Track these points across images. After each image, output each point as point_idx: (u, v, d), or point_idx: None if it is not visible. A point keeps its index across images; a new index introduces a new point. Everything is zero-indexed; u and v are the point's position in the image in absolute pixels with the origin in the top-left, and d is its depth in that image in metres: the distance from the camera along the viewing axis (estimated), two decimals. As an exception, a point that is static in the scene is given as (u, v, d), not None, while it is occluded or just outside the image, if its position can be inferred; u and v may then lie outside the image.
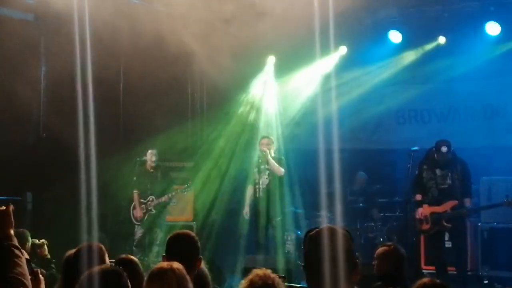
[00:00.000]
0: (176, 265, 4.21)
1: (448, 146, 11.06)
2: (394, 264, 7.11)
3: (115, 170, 13.09)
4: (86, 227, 7.77)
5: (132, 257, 5.68)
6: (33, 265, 4.08)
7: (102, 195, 13.13)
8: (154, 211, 12.92)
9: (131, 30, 11.67)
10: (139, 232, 12.97)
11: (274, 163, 11.94)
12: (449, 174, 11.10)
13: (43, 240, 8.57)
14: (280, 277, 4.81)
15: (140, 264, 5.57)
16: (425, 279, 4.97)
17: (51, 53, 13.08)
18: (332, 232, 3.62)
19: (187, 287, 4.12)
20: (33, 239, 8.53)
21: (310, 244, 3.66)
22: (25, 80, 12.16)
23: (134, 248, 12.85)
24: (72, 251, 5.46)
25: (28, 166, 12.91)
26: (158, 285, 4.06)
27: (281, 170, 11.96)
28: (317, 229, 3.70)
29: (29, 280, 3.59)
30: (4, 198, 11.97)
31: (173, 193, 13.02)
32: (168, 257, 5.05)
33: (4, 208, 3.75)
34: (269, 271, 5.16)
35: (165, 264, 4.20)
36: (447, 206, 11.11)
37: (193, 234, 5.36)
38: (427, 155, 11.34)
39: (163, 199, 12.89)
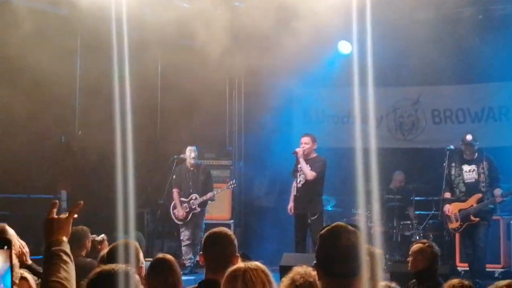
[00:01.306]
0: (254, 265, 4.24)
1: (473, 135, 11.26)
2: (427, 260, 7.37)
3: (151, 168, 13.18)
4: (122, 226, 7.80)
5: (169, 256, 5.73)
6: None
7: (139, 194, 13.32)
8: (198, 209, 12.73)
9: (171, 28, 11.55)
10: (186, 232, 12.74)
11: (304, 166, 11.73)
12: (475, 169, 11.30)
13: (103, 236, 8.60)
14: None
15: (176, 263, 5.64)
16: (454, 280, 5.08)
17: (87, 49, 12.94)
18: (343, 229, 3.64)
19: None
20: (93, 235, 8.56)
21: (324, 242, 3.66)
22: (62, 77, 11.93)
23: (183, 248, 12.71)
24: (106, 250, 5.57)
25: (63, 164, 12.87)
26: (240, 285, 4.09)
27: (312, 174, 11.70)
28: (327, 228, 3.70)
29: (74, 286, 3.59)
30: (38, 196, 12.23)
31: (219, 191, 12.93)
32: (205, 255, 5.11)
33: (62, 216, 3.77)
34: (310, 269, 5.29)
35: (242, 264, 4.22)
36: (472, 200, 11.25)
37: (229, 231, 5.33)
38: (456, 153, 11.50)
39: (208, 196, 12.70)
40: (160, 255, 5.82)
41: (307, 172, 11.73)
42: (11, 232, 5.99)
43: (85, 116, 13.17)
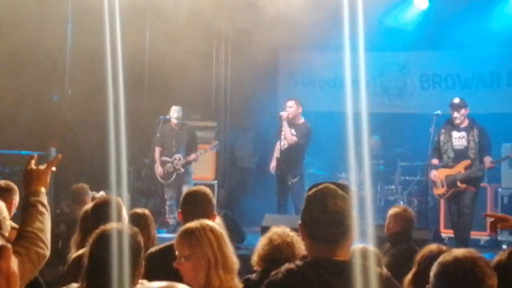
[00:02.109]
0: (207, 222, 4.28)
1: (461, 99, 11.22)
2: (401, 224, 7.46)
3: (137, 128, 13.16)
4: (112, 183, 7.84)
5: (146, 211, 5.86)
6: None
7: (125, 153, 13.32)
8: (182, 170, 12.72)
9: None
10: (169, 192, 12.80)
11: (287, 129, 11.78)
12: (465, 135, 11.13)
13: (102, 192, 8.66)
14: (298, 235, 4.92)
15: (152, 219, 5.76)
16: (433, 246, 5.04)
17: (78, 8, 12.91)
18: (331, 193, 3.54)
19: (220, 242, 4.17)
20: (93, 192, 8.63)
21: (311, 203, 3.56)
22: (51, 35, 12.06)
23: (167, 207, 12.78)
24: (90, 204, 5.61)
25: (54, 122, 12.92)
26: (187, 242, 4.14)
27: (292, 139, 11.78)
28: (315, 189, 3.59)
29: (48, 237, 3.66)
30: (28, 152, 12.25)
31: (202, 152, 12.86)
32: (183, 212, 5.11)
33: (40, 167, 3.87)
34: (287, 229, 5.28)
35: (195, 222, 4.25)
36: (460, 166, 11.13)
37: (208, 190, 5.32)
38: (446, 120, 11.41)
39: (191, 158, 12.67)
40: (138, 210, 5.87)
41: (289, 136, 11.80)
42: (14, 186, 6.20)
43: (75, 75, 13.29)
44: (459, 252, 3.25)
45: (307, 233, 3.53)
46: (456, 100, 11.19)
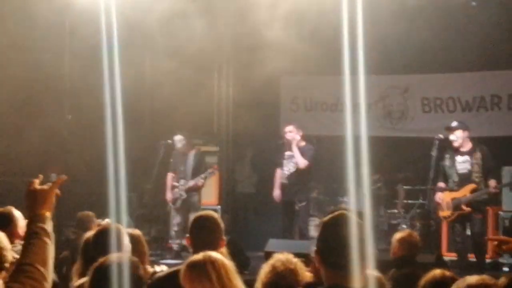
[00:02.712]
0: (214, 256, 4.22)
1: (459, 122, 11.38)
2: (407, 249, 7.43)
3: (138, 153, 13.15)
4: (111, 210, 7.83)
5: (137, 231, 5.86)
6: None
7: (126, 178, 13.27)
8: (185, 196, 12.73)
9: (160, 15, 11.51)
10: (177, 217, 12.79)
11: (297, 154, 11.82)
12: (468, 159, 11.19)
13: (108, 220, 8.67)
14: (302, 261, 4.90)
15: (144, 241, 5.73)
16: (437, 271, 5.00)
17: (76, 35, 12.78)
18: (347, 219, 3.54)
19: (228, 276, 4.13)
20: (98, 220, 8.64)
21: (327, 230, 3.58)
22: (51, 61, 12.06)
23: (173, 232, 12.74)
24: (92, 232, 5.58)
25: (53, 147, 12.89)
26: (194, 276, 4.08)
27: (304, 162, 11.80)
28: (331, 216, 3.62)
29: (50, 269, 3.42)
30: (29, 179, 12.23)
31: (202, 177, 12.75)
32: (192, 238, 5.11)
33: (45, 187, 3.63)
34: (290, 256, 5.24)
35: (200, 255, 4.20)
36: (466, 190, 11.16)
37: (215, 215, 5.34)
38: (449, 143, 11.42)
39: (191, 184, 12.67)
40: (129, 230, 5.80)
41: (300, 160, 11.76)
42: (16, 214, 6.11)
43: (75, 100, 13.27)
44: (472, 279, 3.22)
45: (323, 261, 3.53)
46: (453, 123, 11.26)
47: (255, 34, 12.06)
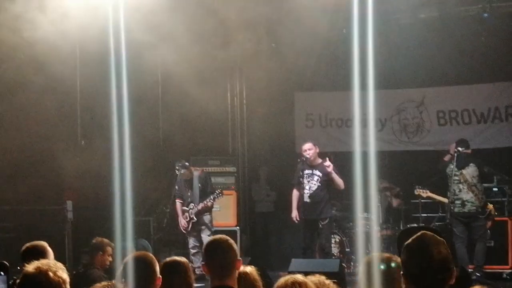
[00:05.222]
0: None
1: (460, 141, 11.79)
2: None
3: (156, 176, 13.12)
4: (130, 234, 7.76)
5: (181, 258, 5.74)
6: None
7: (143, 202, 13.26)
8: (195, 219, 12.58)
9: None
10: (191, 241, 12.69)
11: (337, 177, 11.70)
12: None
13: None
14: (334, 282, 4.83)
15: (189, 266, 5.64)
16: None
17: (86, 58, 12.82)
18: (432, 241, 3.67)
19: None
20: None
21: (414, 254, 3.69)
22: (60, 88, 12.04)
23: (191, 256, 12.57)
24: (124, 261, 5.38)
25: (68, 174, 12.66)
26: None
27: (342, 182, 11.71)
28: (414, 238, 3.73)
29: None
30: (44, 207, 12.22)
31: (211, 198, 12.55)
32: (208, 264, 5.00)
33: None
34: (323, 278, 5.11)
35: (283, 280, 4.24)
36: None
37: (227, 238, 5.16)
38: (459, 157, 11.59)
39: (200, 207, 12.52)
40: (176, 257, 5.77)
41: (340, 182, 11.71)
42: (50, 250, 6.07)
43: (87, 127, 13.21)
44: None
45: (413, 283, 3.64)
46: (460, 147, 11.72)
47: (269, 50, 12.08)
